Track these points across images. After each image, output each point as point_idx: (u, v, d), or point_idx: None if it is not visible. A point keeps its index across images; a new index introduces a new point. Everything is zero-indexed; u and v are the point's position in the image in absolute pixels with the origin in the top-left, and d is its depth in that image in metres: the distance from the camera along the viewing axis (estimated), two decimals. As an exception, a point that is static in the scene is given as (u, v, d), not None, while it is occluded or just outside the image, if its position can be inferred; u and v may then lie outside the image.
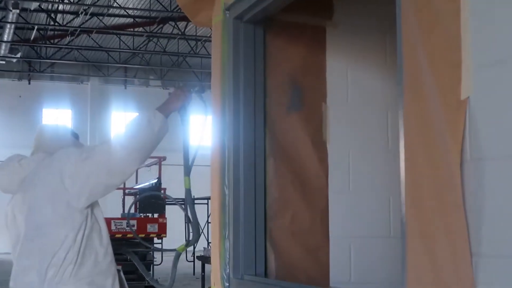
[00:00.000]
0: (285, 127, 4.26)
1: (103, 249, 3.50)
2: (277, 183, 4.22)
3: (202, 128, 3.75)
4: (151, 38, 26.35)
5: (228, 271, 4.13)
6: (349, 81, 4.45)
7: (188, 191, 3.71)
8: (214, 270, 4.31)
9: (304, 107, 4.32)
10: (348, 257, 4.40)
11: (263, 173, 4.19)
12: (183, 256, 22.24)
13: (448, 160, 2.24)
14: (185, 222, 3.59)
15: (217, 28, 4.35)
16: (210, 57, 4.60)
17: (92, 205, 3.47)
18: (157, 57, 29.16)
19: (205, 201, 21.27)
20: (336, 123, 4.41)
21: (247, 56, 4.15)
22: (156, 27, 25.19)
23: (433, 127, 2.33)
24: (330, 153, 4.37)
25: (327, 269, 4.31)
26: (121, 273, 3.80)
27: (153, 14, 24.36)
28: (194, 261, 19.20)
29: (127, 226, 12.97)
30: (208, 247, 15.78)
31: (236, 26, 4.16)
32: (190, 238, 3.82)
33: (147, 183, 15.01)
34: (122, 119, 33.07)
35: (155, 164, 15.09)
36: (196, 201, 21.53)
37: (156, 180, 14.20)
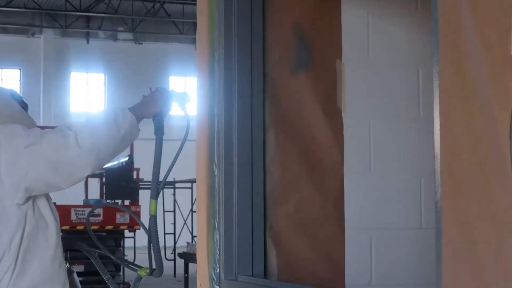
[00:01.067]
0: (289, 91, 4.27)
1: (50, 252, 3.49)
2: (280, 161, 4.24)
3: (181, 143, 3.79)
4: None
5: (218, 270, 4.17)
6: (370, 32, 4.45)
7: (153, 218, 3.70)
8: (201, 269, 4.34)
9: (313, 66, 4.32)
10: (368, 254, 4.43)
11: (262, 149, 4.20)
12: (161, 254, 22.35)
13: (494, 129, 2.25)
14: (148, 252, 3.61)
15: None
16: (195, 3, 4.59)
17: (36, 196, 3.46)
18: (128, 3, 29.07)
19: (189, 184, 21.38)
20: (354, 85, 4.41)
21: (241, 3, 4.15)
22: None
23: (476, 89, 2.34)
24: (346, 124, 4.37)
25: (342, 269, 4.33)
26: (75, 276, 3.81)
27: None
28: (174, 260, 19.31)
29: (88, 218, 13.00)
30: (192, 242, 15.88)
31: (228, -36, 4.16)
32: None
33: (115, 162, 15.02)
34: (83, 82, 33.06)
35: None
36: (177, 185, 21.67)
37: (127, 159, 14.22)
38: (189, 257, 12.88)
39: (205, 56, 4.30)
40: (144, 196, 15.53)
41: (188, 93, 3.75)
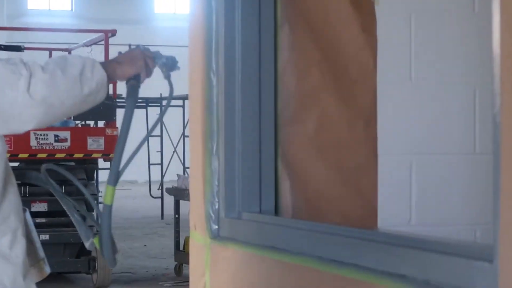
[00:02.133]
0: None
1: None
2: (296, 67, 4.23)
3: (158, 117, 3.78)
4: None
5: (217, 206, 4.19)
6: None
7: (107, 208, 3.69)
8: (195, 206, 4.37)
9: None
10: (407, 186, 4.45)
11: (273, 51, 4.19)
12: (145, 192, 22.46)
13: None
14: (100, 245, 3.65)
15: None
16: None
17: None
18: None
19: (180, 102, 21.42)
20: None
21: None
22: None
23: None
24: (379, 20, 4.35)
25: (374, 205, 4.35)
26: (27, 216, 3.83)
27: None
28: (162, 197, 19.46)
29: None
30: (184, 174, 15.95)
31: None
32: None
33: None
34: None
35: (99, 42, 15.08)
36: (164, 101, 21.66)
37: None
38: (180, 193, 12.96)
39: None
40: (122, 115, 15.57)
41: (176, 58, 3.74)
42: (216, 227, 4.21)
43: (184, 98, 19.84)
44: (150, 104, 21.63)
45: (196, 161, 4.37)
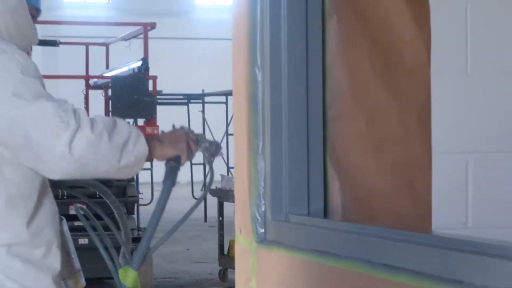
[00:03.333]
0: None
1: (33, 197, 3.58)
2: (345, 60, 4.22)
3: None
4: None
5: (263, 209, 4.19)
6: None
7: None
8: (240, 208, 4.38)
9: None
10: (463, 185, 4.42)
11: (321, 44, 4.19)
12: (188, 193, 22.48)
13: None
14: None
15: None
16: None
17: None
18: None
19: (222, 98, 21.46)
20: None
21: None
22: None
23: None
24: (433, 10, 4.32)
25: (429, 205, 4.33)
26: (64, 225, 3.87)
27: None
28: (205, 199, 19.47)
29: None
30: (228, 174, 15.97)
31: None
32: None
33: (124, 68, 15.05)
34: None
35: (138, 36, 15.11)
36: (207, 99, 21.73)
37: (140, 63, 14.22)
38: (224, 194, 12.99)
39: None
40: (162, 113, 15.64)
41: (220, 144, 3.78)
42: (263, 230, 4.21)
43: (227, 94, 19.91)
44: (191, 101, 21.68)
45: (241, 161, 4.38)
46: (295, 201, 4.16)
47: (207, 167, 3.86)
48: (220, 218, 13.25)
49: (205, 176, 21.55)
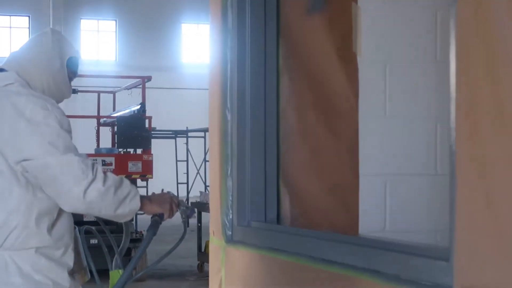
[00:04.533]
0: (303, 34, 4.25)
1: (57, 211, 3.59)
2: (294, 106, 4.24)
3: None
4: None
5: (231, 217, 4.20)
6: (386, -26, 4.42)
7: None
8: (214, 216, 4.38)
9: (328, 8, 4.29)
10: (382, 200, 4.44)
11: (276, 93, 4.21)
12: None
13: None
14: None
15: None
16: None
17: None
18: None
19: (201, 133, 21.43)
20: (369, 28, 4.38)
21: None
22: None
23: (496, 29, 2.34)
24: (361, 68, 4.35)
25: (356, 215, 4.35)
26: (76, 232, 3.89)
27: None
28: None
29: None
30: (205, 191, 15.95)
31: None
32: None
33: (127, 110, 15.05)
34: (94, 29, 32.95)
35: (138, 86, 15.11)
36: (190, 134, 21.72)
37: (139, 107, 14.23)
38: (202, 206, 12.94)
39: (218, 5, 4.29)
40: (156, 144, 15.64)
41: (195, 209, 3.81)
42: (230, 233, 4.22)
43: (205, 130, 19.89)
44: (178, 135, 21.65)
45: (214, 181, 4.39)
46: (255, 211, 4.17)
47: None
48: (199, 224, 13.24)
49: (188, 192, 21.52)
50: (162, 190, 3.84)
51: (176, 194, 18.01)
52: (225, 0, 4.23)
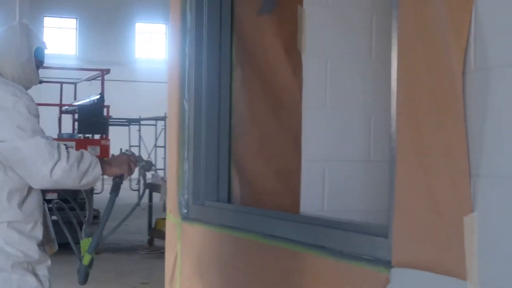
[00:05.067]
0: (255, 32, 4.22)
1: (27, 190, 3.51)
2: (245, 97, 4.21)
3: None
4: None
5: (186, 196, 4.15)
6: (329, -20, 4.39)
7: (83, 268, 3.64)
8: (171, 195, 4.32)
9: (277, 9, 4.26)
10: (321, 183, 4.42)
11: (229, 86, 4.16)
12: (126, 185, 22.39)
13: (450, 69, 2.24)
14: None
15: None
16: None
17: None
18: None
19: (153, 122, 21.27)
20: (313, 28, 4.35)
21: None
22: None
23: (434, 30, 2.32)
24: (305, 64, 4.32)
25: (298, 196, 4.33)
26: (45, 208, 3.79)
27: None
28: (139, 190, 19.26)
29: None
30: (156, 173, 15.83)
31: None
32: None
33: (87, 100, 14.86)
34: (56, 26, 32.53)
35: (97, 78, 14.92)
36: (142, 122, 21.56)
37: (98, 96, 14.05)
38: (153, 187, 12.83)
39: (177, 1, 4.22)
40: (113, 131, 15.47)
41: (152, 162, 3.71)
42: (186, 211, 4.17)
43: (156, 119, 19.73)
44: (131, 123, 21.47)
45: (172, 164, 4.33)
46: (209, 191, 4.13)
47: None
48: (150, 203, 13.11)
49: (139, 174, 21.34)
50: (121, 149, 3.72)
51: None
52: (184, 2, 4.16)
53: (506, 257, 2.12)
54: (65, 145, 3.41)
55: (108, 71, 14.40)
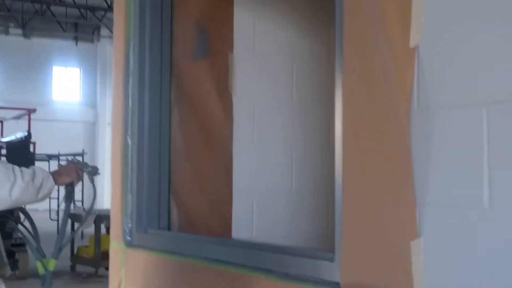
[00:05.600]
0: (191, 76, 4.16)
1: None
2: (182, 134, 4.13)
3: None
4: (12, -16, 25.17)
5: (130, 225, 4.02)
6: (256, 30, 4.39)
7: (49, 273, 3.50)
8: (114, 224, 4.18)
9: (210, 56, 4.23)
10: (251, 211, 4.38)
11: (168, 123, 4.08)
12: (45, 215, 21.73)
13: (395, 109, 2.24)
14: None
15: (120, -31, 4.16)
16: (77, 7, 4.40)
17: None
18: (19, 3, 27.87)
19: (71, 157, 20.78)
20: (243, 73, 4.34)
21: (155, 1, 4.00)
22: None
23: (379, 76, 2.32)
24: (235, 104, 4.30)
25: (230, 224, 4.27)
26: None
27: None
28: (58, 220, 18.71)
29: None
30: (76, 204, 15.43)
31: (142, -33, 4.00)
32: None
33: (13, 137, 14.40)
34: (-21, 69, 31.57)
35: (24, 116, 14.50)
36: (61, 158, 21.05)
37: (26, 134, 13.64)
38: (75, 217, 12.51)
39: (121, 46, 4.13)
40: (38, 165, 15.06)
41: (97, 167, 3.59)
42: (130, 238, 4.03)
43: (73, 154, 19.37)
44: (51, 159, 20.95)
45: (115, 195, 4.19)
46: (151, 220, 4.02)
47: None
48: (72, 231, 12.74)
49: (58, 205, 20.79)
50: (67, 159, 3.57)
51: (48, 206, 17.18)
52: (128, 48, 4.07)
53: (451, 277, 2.12)
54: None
55: (34, 110, 14.04)
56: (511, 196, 1.95)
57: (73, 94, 32.01)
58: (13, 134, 14.42)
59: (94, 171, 3.57)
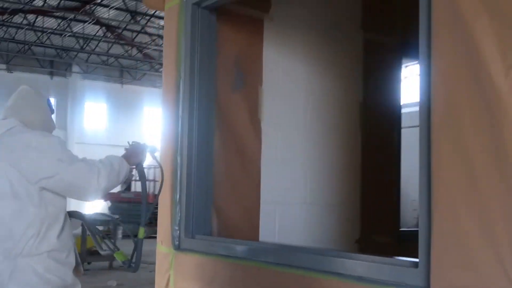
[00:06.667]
0: (230, 104, 3.91)
1: (61, 224, 2.96)
2: (222, 154, 3.87)
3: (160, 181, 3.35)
4: (0, 27, 24.10)
5: (178, 232, 3.71)
6: (280, 67, 4.19)
7: (141, 241, 3.14)
8: (163, 230, 3.85)
9: (244, 88, 4.00)
10: (273, 219, 4.15)
11: (212, 146, 3.80)
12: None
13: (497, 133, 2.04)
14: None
15: (172, 12, 3.86)
16: (54, 47, 4.09)
17: None
18: (5, 43, 26.75)
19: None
20: (269, 103, 4.13)
21: (203, 40, 3.72)
22: (8, 16, 23.04)
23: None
24: (263, 129, 4.09)
25: (258, 229, 4.04)
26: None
27: (5, 5, 22.20)
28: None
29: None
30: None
31: (194, 12, 3.71)
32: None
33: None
34: (-32, 97, 30.06)
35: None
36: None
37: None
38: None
39: (172, 75, 3.83)
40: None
41: (156, 146, 3.25)
42: (178, 243, 3.71)
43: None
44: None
45: (165, 206, 3.86)
46: (197, 227, 3.72)
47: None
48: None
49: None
50: (128, 142, 3.18)
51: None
52: (178, 78, 3.79)
53: None
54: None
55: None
56: None
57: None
58: None
59: (153, 148, 3.21)
